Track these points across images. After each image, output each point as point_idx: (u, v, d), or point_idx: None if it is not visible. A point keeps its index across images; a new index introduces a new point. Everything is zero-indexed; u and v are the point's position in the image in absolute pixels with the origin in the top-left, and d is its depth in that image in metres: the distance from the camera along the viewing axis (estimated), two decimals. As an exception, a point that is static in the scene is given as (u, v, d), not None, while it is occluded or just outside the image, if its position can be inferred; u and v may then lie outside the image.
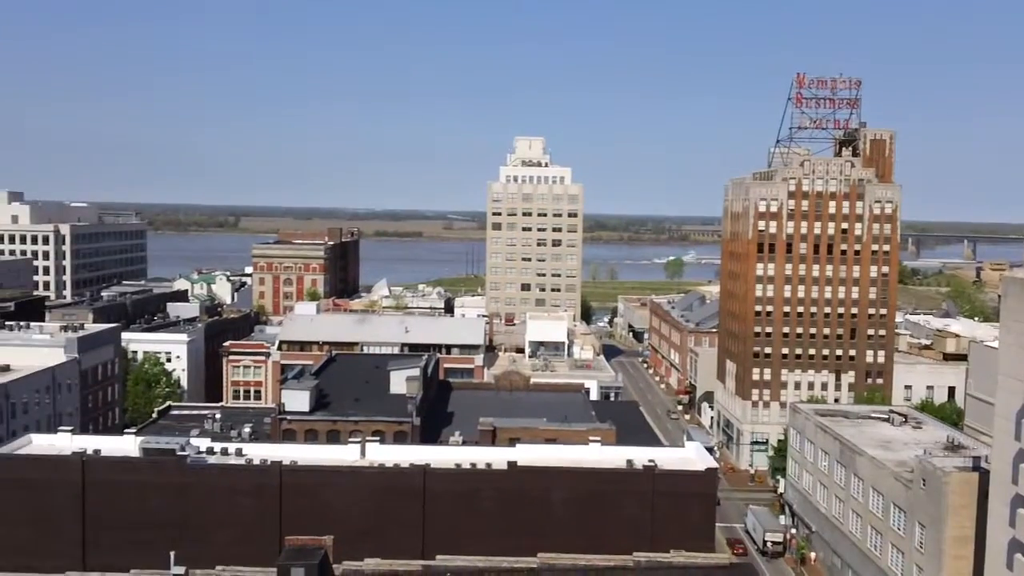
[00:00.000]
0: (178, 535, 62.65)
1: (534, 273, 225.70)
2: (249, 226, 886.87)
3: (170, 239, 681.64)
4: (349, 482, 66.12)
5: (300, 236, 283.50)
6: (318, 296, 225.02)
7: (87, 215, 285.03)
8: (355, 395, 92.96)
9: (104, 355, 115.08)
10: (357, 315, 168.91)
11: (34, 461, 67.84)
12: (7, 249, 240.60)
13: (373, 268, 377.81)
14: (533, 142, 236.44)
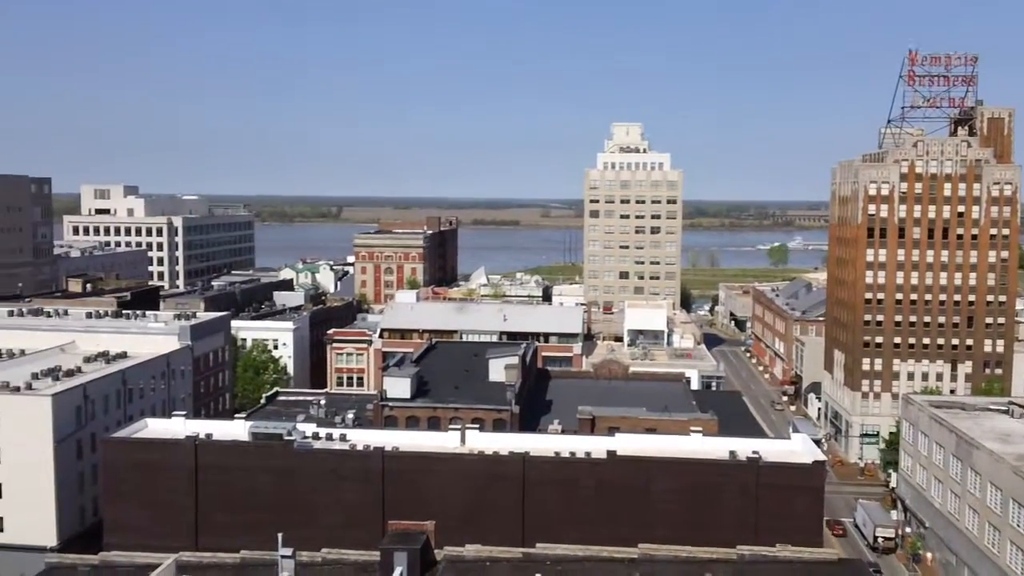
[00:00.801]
0: (285, 517, 64.27)
1: (632, 261, 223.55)
2: (351, 216, 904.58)
3: (276, 230, 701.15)
4: (450, 469, 66.70)
5: (400, 225, 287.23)
6: (418, 284, 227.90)
7: (198, 207, 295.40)
8: (454, 383, 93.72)
9: (215, 342, 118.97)
10: (456, 303, 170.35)
11: (150, 444, 70.60)
12: (124, 241, 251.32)
13: (471, 257, 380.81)
14: (631, 128, 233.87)
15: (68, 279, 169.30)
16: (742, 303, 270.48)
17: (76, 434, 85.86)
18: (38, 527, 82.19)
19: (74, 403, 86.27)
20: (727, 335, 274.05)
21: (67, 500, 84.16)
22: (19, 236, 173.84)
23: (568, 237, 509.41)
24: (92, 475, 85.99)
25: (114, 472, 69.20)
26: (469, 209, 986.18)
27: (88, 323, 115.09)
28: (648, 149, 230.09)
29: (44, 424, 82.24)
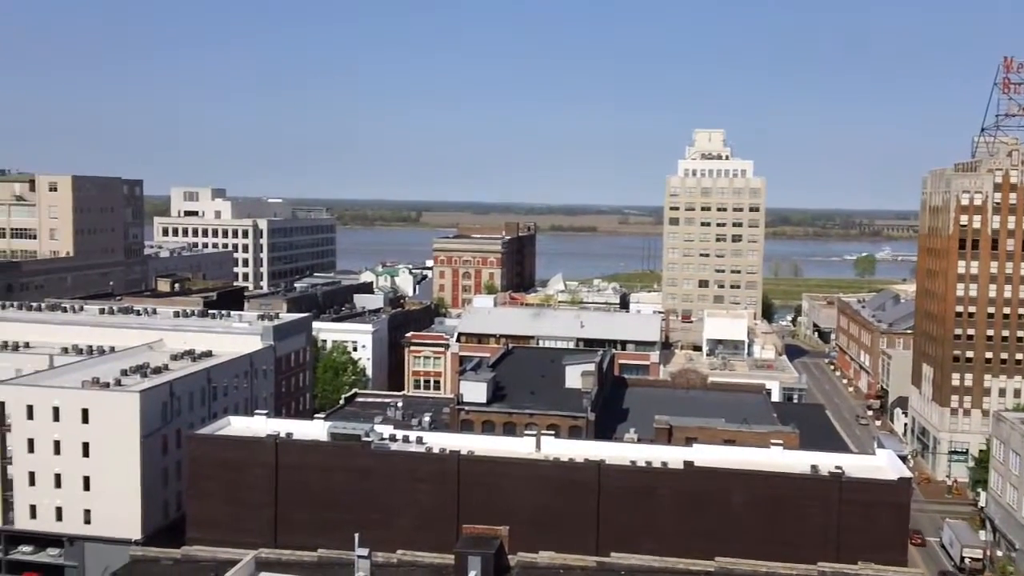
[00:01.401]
0: (361, 518, 65.00)
1: (712, 269, 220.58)
2: (430, 221, 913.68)
3: (357, 233, 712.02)
4: (525, 474, 66.55)
5: (478, 230, 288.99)
6: (495, 290, 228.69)
7: (282, 210, 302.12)
8: (530, 388, 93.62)
9: (297, 343, 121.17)
10: (533, 309, 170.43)
11: (232, 442, 72.14)
12: (211, 242, 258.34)
13: (548, 262, 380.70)
14: (713, 134, 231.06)
15: (157, 279, 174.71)
16: (826, 314, 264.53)
17: (162, 430, 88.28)
18: (124, 520, 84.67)
19: (161, 400, 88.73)
20: (810, 346, 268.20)
21: (152, 494, 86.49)
22: (111, 236, 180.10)
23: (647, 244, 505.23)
24: (176, 471, 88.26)
25: (198, 468, 70.89)
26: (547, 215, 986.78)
27: (175, 322, 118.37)
28: (731, 156, 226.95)
29: (132, 420, 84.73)
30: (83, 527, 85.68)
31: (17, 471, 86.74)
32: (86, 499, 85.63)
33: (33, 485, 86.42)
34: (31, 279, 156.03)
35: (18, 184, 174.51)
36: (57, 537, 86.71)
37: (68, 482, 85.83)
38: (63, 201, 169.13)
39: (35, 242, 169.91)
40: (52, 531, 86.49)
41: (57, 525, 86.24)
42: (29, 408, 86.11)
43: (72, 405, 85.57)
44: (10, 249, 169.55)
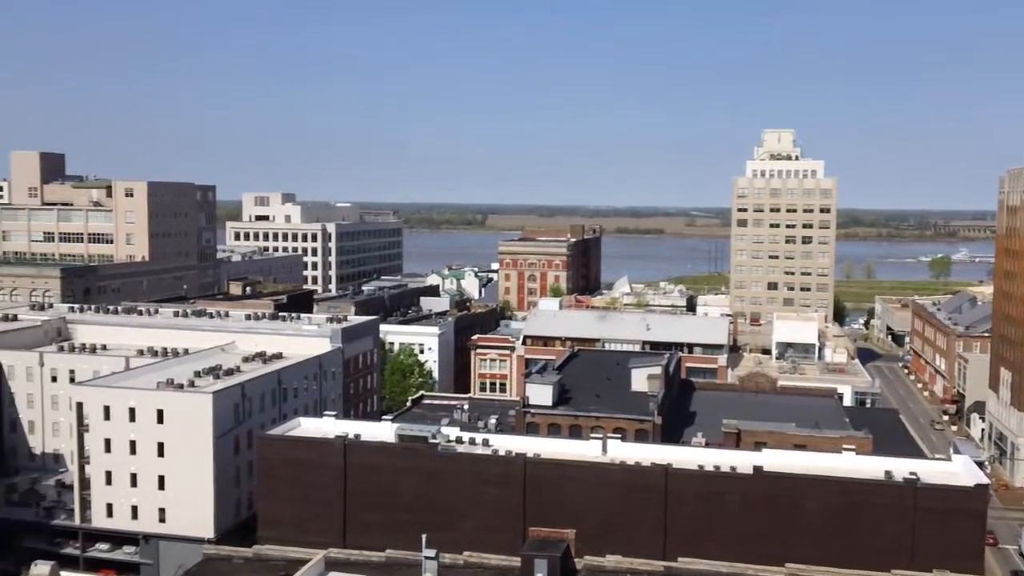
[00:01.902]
0: (428, 519, 65.41)
1: (782, 271, 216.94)
2: (495, 224, 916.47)
3: (424, 237, 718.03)
4: (591, 477, 66.28)
5: (543, 233, 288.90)
6: (561, 292, 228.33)
7: (350, 214, 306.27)
8: (596, 391, 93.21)
9: (364, 345, 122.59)
10: (598, 312, 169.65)
11: (302, 442, 73.23)
12: (281, 246, 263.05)
13: (614, 265, 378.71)
14: (782, 134, 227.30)
15: (229, 282, 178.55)
16: (900, 317, 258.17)
17: (234, 430, 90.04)
18: (197, 519, 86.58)
19: (233, 401, 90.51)
20: (883, 350, 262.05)
21: (224, 494, 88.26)
22: (185, 240, 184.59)
23: (714, 246, 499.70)
24: (248, 470, 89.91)
25: (268, 468, 72.13)
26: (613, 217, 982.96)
27: (247, 324, 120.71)
28: (800, 156, 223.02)
29: (205, 420, 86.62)
30: (158, 525, 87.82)
31: (95, 471, 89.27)
32: (161, 498, 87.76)
33: (110, 484, 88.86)
34: (108, 283, 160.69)
35: (96, 190, 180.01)
36: (133, 535, 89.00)
37: (144, 481, 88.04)
38: (139, 206, 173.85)
39: (112, 246, 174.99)
40: (128, 529, 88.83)
41: (133, 523, 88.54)
42: (106, 409, 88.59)
43: (148, 406, 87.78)
44: (88, 253, 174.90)
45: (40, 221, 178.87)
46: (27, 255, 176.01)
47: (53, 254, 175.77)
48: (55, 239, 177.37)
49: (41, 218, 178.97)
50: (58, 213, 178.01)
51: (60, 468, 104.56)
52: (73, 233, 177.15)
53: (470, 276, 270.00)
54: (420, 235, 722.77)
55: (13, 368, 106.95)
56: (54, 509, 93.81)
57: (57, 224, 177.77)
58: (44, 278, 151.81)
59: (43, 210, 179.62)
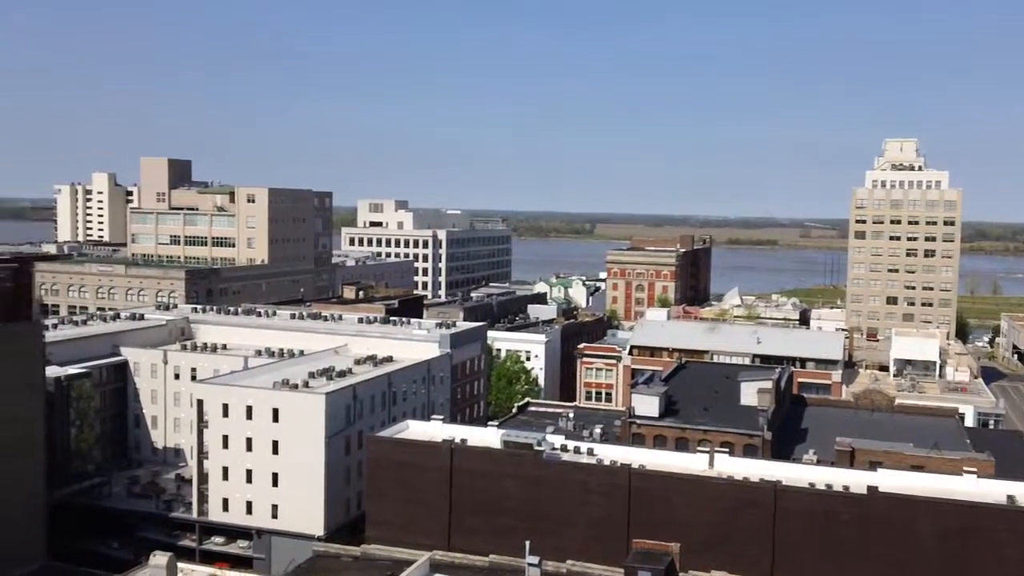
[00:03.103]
0: (532, 525, 65.58)
1: (902, 285, 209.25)
2: (603, 233, 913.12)
3: (532, 244, 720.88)
4: (697, 491, 65.25)
5: (652, 243, 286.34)
6: (669, 303, 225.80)
7: (460, 222, 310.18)
8: (704, 404, 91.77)
9: (472, 351, 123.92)
10: (707, 323, 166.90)
11: (411, 445, 74.44)
12: (393, 252, 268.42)
13: (724, 276, 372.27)
14: (904, 144, 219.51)
15: (343, 286, 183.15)
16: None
17: (345, 431, 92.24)
18: (308, 516, 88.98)
19: (345, 402, 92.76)
20: (1009, 369, 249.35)
21: (334, 493, 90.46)
22: (303, 245, 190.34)
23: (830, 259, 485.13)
24: (357, 471, 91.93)
25: (377, 469, 73.57)
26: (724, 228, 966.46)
27: (359, 328, 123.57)
28: (924, 166, 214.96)
29: (318, 420, 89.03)
30: (271, 521, 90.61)
31: (212, 466, 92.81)
32: (274, 495, 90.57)
33: (226, 479, 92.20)
34: (229, 285, 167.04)
35: (220, 195, 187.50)
36: (246, 530, 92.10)
37: (258, 478, 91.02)
38: (260, 212, 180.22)
39: (234, 250, 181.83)
40: (242, 524, 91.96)
41: (247, 518, 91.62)
42: (225, 406, 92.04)
43: (264, 404, 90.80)
44: (211, 256, 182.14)
45: (167, 225, 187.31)
46: (154, 257, 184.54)
47: (179, 256, 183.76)
48: (181, 242, 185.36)
49: (168, 222, 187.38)
50: (184, 217, 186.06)
51: (180, 462, 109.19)
52: (198, 237, 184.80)
53: (577, 285, 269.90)
54: (528, 243, 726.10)
55: (139, 365, 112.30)
56: (173, 502, 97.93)
57: (183, 228, 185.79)
58: (170, 279, 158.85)
59: (170, 214, 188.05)
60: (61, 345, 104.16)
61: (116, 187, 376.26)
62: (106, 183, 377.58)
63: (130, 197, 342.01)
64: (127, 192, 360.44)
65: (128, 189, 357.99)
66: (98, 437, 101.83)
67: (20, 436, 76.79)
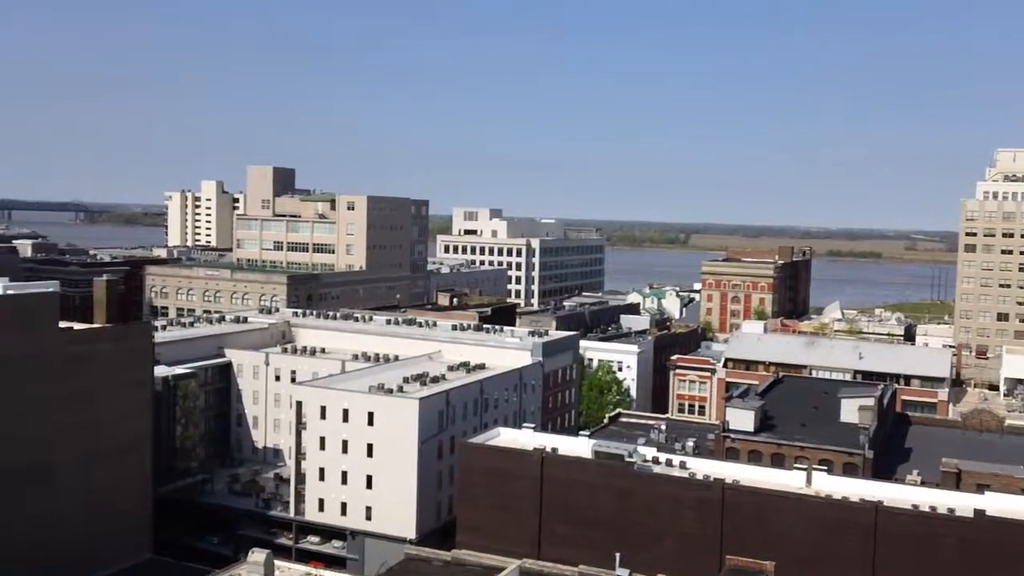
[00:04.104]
0: (622, 537, 65.08)
1: (1014, 301, 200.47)
2: (698, 243, 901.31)
3: (625, 254, 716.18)
4: (794, 509, 63.75)
5: (749, 254, 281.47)
6: (765, 315, 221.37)
7: (554, 230, 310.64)
8: (802, 420, 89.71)
9: (564, 360, 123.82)
10: (806, 337, 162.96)
11: (502, 452, 74.73)
12: (487, 260, 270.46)
13: (824, 289, 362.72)
14: (1018, 154, 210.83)
15: (438, 293, 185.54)
16: None
17: (438, 436, 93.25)
18: (400, 519, 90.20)
19: (438, 408, 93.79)
20: None
21: (427, 497, 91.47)
22: (399, 253, 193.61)
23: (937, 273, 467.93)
24: (449, 476, 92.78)
25: (468, 475, 74.12)
26: (824, 239, 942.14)
27: (453, 334, 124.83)
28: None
29: (411, 425, 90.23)
30: (364, 523, 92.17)
31: (309, 466, 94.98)
32: (368, 497, 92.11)
33: (322, 480, 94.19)
34: (329, 290, 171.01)
35: (321, 203, 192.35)
36: (341, 530, 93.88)
37: (353, 479, 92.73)
38: (359, 219, 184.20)
39: (333, 256, 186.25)
40: (337, 524, 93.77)
41: (342, 519, 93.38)
42: (322, 409, 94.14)
43: (360, 408, 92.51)
44: (311, 262, 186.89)
45: (271, 231, 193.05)
46: (258, 262, 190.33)
47: (281, 262, 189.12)
48: (283, 248, 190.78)
49: (272, 228, 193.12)
50: (287, 224, 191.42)
51: (279, 462, 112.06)
52: (299, 243, 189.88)
53: (671, 295, 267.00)
54: (622, 252, 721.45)
55: (242, 366, 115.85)
56: (272, 500, 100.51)
57: (286, 234, 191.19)
58: (272, 284, 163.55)
59: (274, 221, 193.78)
60: (169, 346, 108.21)
61: (223, 194, 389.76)
62: (214, 190, 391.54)
63: (236, 204, 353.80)
64: (234, 199, 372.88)
65: (235, 196, 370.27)
66: (202, 435, 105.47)
67: (130, 432, 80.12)
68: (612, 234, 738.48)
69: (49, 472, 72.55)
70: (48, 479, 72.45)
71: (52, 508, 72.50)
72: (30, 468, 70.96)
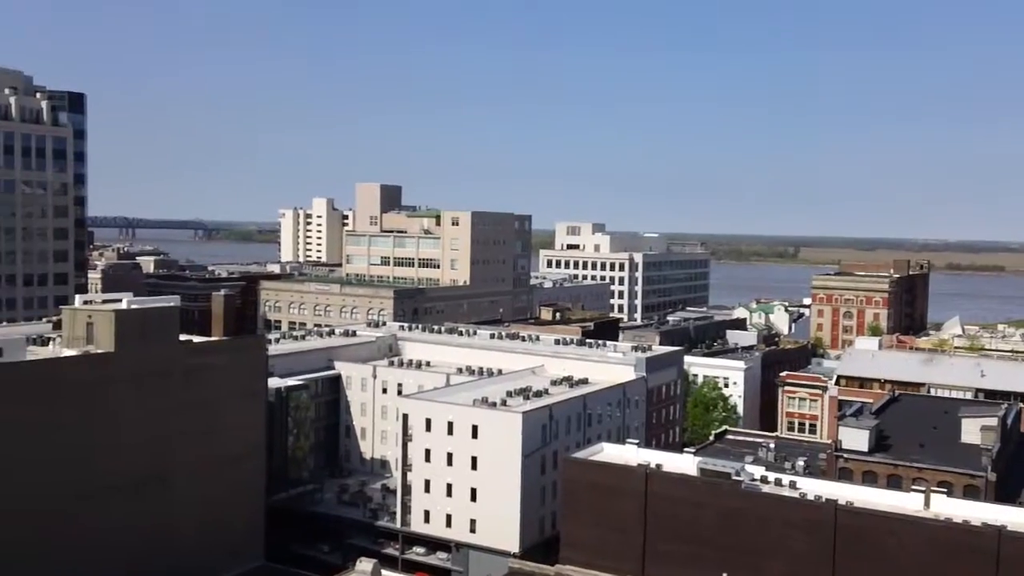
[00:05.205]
0: (728, 557, 63.82)
1: None
2: (808, 257, 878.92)
3: (731, 268, 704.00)
4: (911, 532, 61.35)
5: (862, 268, 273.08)
6: (880, 331, 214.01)
7: (658, 245, 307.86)
8: (919, 440, 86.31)
9: (668, 376, 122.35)
10: (923, 354, 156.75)
11: (605, 468, 74.24)
12: (589, 274, 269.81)
13: (943, 304, 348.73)
14: None
15: (541, 307, 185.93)
16: None
17: (541, 451, 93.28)
18: (504, 533, 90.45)
19: (541, 422, 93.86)
20: None
21: (530, 511, 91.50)
22: (503, 267, 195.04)
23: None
24: (552, 491, 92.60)
25: (571, 490, 73.89)
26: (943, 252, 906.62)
27: (556, 349, 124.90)
28: None
29: (515, 438, 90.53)
30: (468, 535, 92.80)
31: (415, 478, 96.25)
32: (472, 509, 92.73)
33: (428, 492, 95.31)
34: (434, 304, 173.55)
35: (426, 219, 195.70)
36: (446, 542, 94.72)
37: (458, 492, 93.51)
38: (463, 234, 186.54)
39: (438, 271, 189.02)
40: (442, 536, 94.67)
41: (447, 531, 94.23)
42: (428, 421, 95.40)
43: (464, 421, 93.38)
44: (417, 277, 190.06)
45: (378, 247, 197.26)
46: (366, 277, 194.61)
47: (388, 276, 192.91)
48: (390, 263, 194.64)
49: (379, 244, 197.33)
50: (394, 239, 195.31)
51: (386, 473, 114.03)
52: (405, 258, 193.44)
53: (779, 310, 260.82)
54: (727, 267, 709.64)
55: (350, 379, 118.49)
56: (379, 511, 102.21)
57: (392, 250, 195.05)
58: (380, 298, 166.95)
59: (381, 236, 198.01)
60: (282, 358, 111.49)
61: (333, 211, 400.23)
62: (324, 208, 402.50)
63: (346, 220, 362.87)
64: (343, 216, 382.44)
65: (344, 213, 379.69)
66: (312, 446, 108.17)
67: (245, 442, 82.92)
68: (717, 248, 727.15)
69: (168, 479, 75.66)
70: (167, 486, 75.56)
71: (170, 514, 75.53)
72: (150, 475, 74.16)
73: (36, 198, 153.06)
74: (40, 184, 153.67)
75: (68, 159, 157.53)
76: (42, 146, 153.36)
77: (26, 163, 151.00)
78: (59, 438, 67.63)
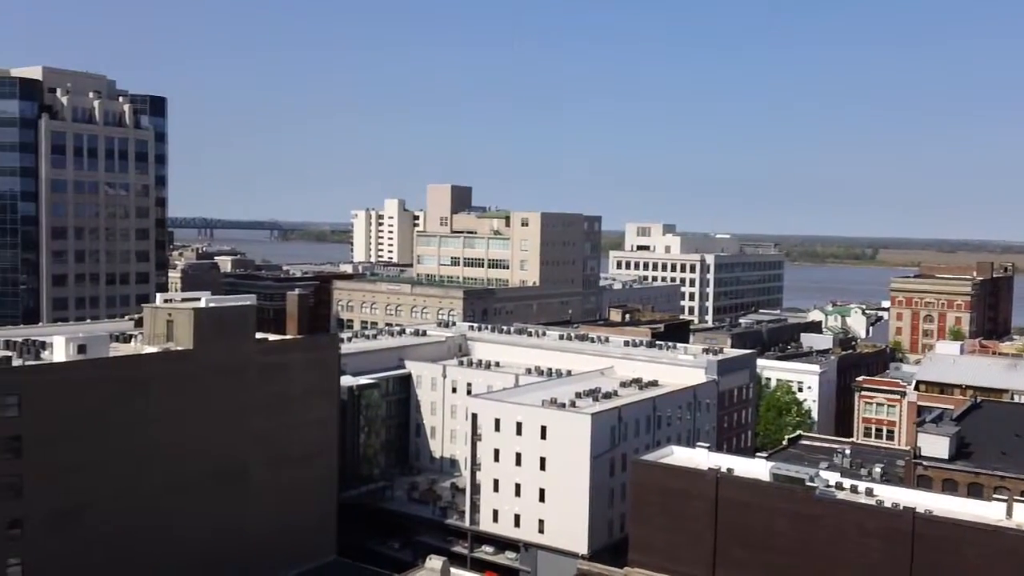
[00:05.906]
0: (802, 565, 62.74)
1: None
2: (887, 259, 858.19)
3: (806, 270, 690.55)
4: (992, 543, 59.52)
5: (944, 270, 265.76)
6: (962, 335, 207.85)
7: (730, 246, 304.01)
8: (1002, 448, 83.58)
9: (740, 379, 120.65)
10: (1008, 359, 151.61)
11: (675, 471, 73.61)
12: (659, 276, 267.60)
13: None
14: None
15: (610, 309, 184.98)
16: None
17: (610, 452, 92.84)
18: (572, 534, 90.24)
19: (610, 424, 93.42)
20: None
21: (598, 513, 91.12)
22: (572, 269, 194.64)
23: None
24: (620, 493, 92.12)
25: (640, 493, 73.40)
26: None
27: (625, 351, 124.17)
28: None
29: (583, 440, 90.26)
30: (536, 536, 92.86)
31: (484, 477, 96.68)
32: (541, 510, 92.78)
33: (496, 492, 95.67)
34: (503, 305, 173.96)
35: (496, 220, 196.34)
36: (514, 542, 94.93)
37: (526, 492, 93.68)
38: (532, 235, 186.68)
39: (507, 271, 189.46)
40: (510, 536, 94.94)
41: (515, 531, 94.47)
42: (496, 421, 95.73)
43: (533, 421, 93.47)
44: (487, 277, 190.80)
45: (448, 247, 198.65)
46: (436, 277, 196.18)
47: (458, 277, 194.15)
48: (460, 263, 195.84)
49: (449, 244, 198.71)
50: (463, 240, 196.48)
51: (455, 472, 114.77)
52: (475, 258, 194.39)
53: (856, 313, 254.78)
54: (802, 268, 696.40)
55: (420, 378, 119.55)
56: (448, 509, 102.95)
57: (462, 250, 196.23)
58: (450, 299, 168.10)
59: (451, 237, 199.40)
60: (354, 357, 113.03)
61: (404, 212, 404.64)
62: (396, 208, 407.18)
63: (417, 221, 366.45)
64: (414, 217, 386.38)
65: (415, 214, 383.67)
66: (383, 444, 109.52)
67: (318, 439, 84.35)
68: (792, 249, 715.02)
69: (244, 474, 77.40)
70: (243, 481, 77.30)
71: (246, 508, 77.25)
72: (227, 470, 75.97)
73: (119, 199, 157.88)
74: (123, 186, 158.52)
75: (149, 161, 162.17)
76: (124, 149, 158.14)
77: (109, 165, 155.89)
78: (141, 432, 69.75)
